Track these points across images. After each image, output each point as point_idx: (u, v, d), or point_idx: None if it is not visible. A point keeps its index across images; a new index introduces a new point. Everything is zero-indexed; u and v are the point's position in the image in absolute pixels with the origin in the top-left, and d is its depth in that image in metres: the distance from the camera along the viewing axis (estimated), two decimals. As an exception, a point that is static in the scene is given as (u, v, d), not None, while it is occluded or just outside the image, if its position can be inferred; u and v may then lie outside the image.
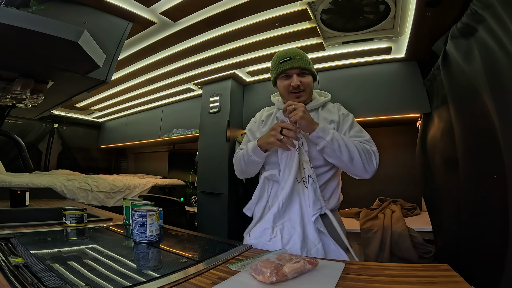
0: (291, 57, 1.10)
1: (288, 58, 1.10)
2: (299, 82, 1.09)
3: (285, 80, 1.12)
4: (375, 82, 2.09)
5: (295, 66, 1.09)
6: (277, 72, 1.13)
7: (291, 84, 1.09)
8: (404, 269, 0.64)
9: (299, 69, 1.10)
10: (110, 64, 1.41)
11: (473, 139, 1.15)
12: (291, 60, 1.10)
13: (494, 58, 0.92)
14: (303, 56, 1.13)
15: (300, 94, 1.11)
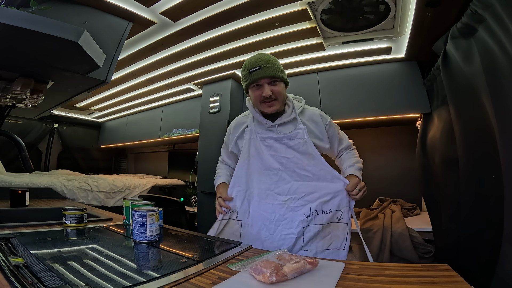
0: (260, 66, 1.07)
1: (257, 67, 1.07)
2: (270, 92, 1.07)
3: (257, 90, 1.10)
4: (375, 82, 2.09)
5: (265, 75, 1.06)
6: (248, 82, 1.11)
7: (263, 94, 1.07)
8: (404, 269, 0.64)
9: (269, 78, 1.07)
10: (110, 64, 1.41)
11: (473, 139, 1.15)
12: (260, 69, 1.06)
13: (494, 58, 0.92)
14: (273, 63, 1.09)
15: (272, 103, 1.10)
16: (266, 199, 1.12)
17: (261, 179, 1.14)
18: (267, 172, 1.13)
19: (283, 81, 1.12)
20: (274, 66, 1.08)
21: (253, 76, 1.07)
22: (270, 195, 1.12)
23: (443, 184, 1.54)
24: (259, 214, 1.12)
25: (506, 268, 0.84)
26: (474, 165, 1.16)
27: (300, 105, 1.18)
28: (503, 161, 0.86)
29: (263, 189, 1.13)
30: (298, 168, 1.11)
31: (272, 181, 1.12)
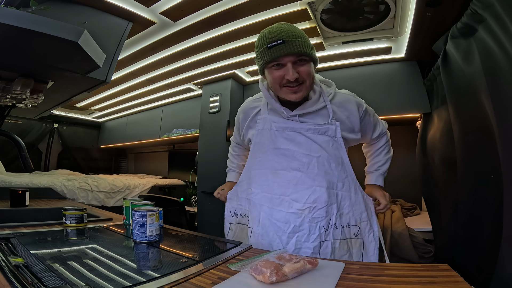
0: (283, 39, 0.81)
1: (279, 41, 0.81)
2: (296, 75, 0.83)
3: (277, 70, 0.86)
4: (375, 82, 2.09)
5: (289, 52, 0.81)
6: (265, 60, 0.86)
7: (286, 77, 0.84)
8: (404, 269, 0.64)
9: (296, 55, 0.83)
10: (110, 64, 1.41)
11: (471, 139, 1.15)
12: (283, 43, 0.81)
13: (494, 58, 0.92)
14: (300, 36, 0.84)
15: (298, 88, 0.86)
16: (280, 205, 0.93)
17: (275, 181, 0.94)
18: (284, 173, 0.93)
19: (312, 60, 0.87)
20: (301, 40, 0.83)
21: (274, 52, 0.82)
22: (284, 201, 0.93)
23: (442, 184, 1.54)
24: (271, 223, 0.95)
25: (505, 268, 0.84)
26: (472, 165, 1.16)
27: (331, 91, 0.96)
28: (503, 162, 0.86)
29: (277, 193, 0.94)
30: (323, 172, 0.91)
31: (290, 184, 0.92)
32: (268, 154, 0.96)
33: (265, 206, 0.96)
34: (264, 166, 0.97)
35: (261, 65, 0.90)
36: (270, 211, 0.95)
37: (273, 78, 0.87)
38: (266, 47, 0.84)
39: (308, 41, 0.86)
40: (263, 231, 0.96)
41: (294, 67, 0.84)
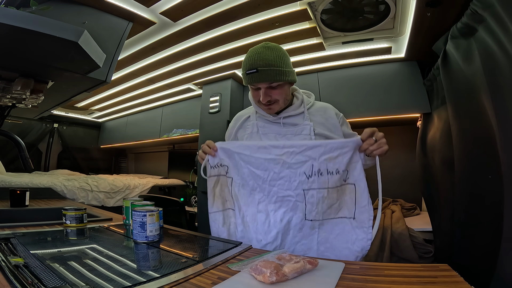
0: (257, 69, 0.92)
1: (253, 70, 0.92)
2: (268, 97, 0.96)
3: (254, 91, 1.00)
4: (375, 82, 2.09)
5: (262, 79, 0.93)
6: (245, 82, 1.00)
7: (260, 98, 0.97)
8: (404, 269, 0.64)
9: (268, 82, 0.95)
10: (110, 64, 1.42)
11: (470, 140, 1.15)
12: (257, 72, 0.92)
13: (494, 58, 0.92)
14: (274, 64, 0.93)
15: (271, 106, 0.99)
16: (257, 152, 0.94)
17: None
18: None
19: (287, 81, 0.98)
20: (274, 69, 0.93)
21: (250, 79, 0.95)
22: (262, 148, 0.94)
23: (442, 184, 1.54)
24: (250, 172, 0.95)
25: (505, 268, 0.84)
26: (469, 165, 1.16)
27: (310, 100, 1.09)
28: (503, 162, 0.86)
29: (255, 144, 0.97)
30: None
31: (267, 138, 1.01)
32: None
33: (243, 154, 0.96)
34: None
35: (244, 83, 1.03)
36: (248, 159, 0.95)
37: (252, 96, 1.03)
38: (245, 73, 0.96)
39: (284, 67, 0.95)
40: (243, 180, 0.97)
41: (267, 91, 0.96)
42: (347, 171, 0.90)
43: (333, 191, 0.91)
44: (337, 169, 0.89)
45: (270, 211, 0.94)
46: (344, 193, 0.92)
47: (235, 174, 0.98)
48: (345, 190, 0.92)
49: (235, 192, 0.99)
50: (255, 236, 0.95)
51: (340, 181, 0.91)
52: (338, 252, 0.90)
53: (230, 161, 0.99)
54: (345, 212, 0.92)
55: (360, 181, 0.90)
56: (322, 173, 0.90)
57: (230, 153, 0.99)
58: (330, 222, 0.92)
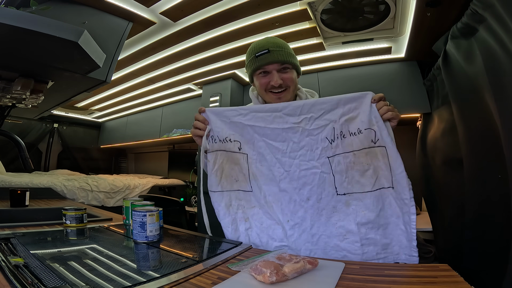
0: (268, 49, 0.92)
1: (265, 50, 0.92)
2: (280, 81, 0.92)
3: (263, 78, 0.95)
4: (375, 82, 2.09)
5: (274, 60, 0.92)
6: (253, 68, 0.95)
7: (271, 83, 0.93)
8: (404, 269, 0.64)
9: (279, 63, 0.93)
10: (110, 64, 1.41)
11: (477, 139, 1.15)
12: (268, 53, 0.91)
13: (496, 58, 0.92)
14: (283, 47, 0.95)
15: (282, 94, 0.95)
16: (273, 123, 0.87)
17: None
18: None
19: (295, 68, 0.97)
20: (285, 50, 0.94)
21: (260, 61, 0.93)
22: (277, 117, 0.86)
23: (444, 184, 1.54)
24: (267, 145, 0.88)
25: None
26: (478, 165, 1.15)
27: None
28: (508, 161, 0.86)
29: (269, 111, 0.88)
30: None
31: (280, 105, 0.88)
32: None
33: (257, 127, 0.88)
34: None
35: (250, 72, 0.99)
36: (263, 131, 0.88)
37: (260, 84, 0.96)
38: (254, 56, 0.94)
39: (290, 51, 0.96)
40: (260, 156, 0.88)
41: (278, 74, 0.93)
42: (374, 131, 0.79)
43: (360, 154, 0.80)
44: (358, 128, 0.80)
45: (294, 188, 0.85)
46: (376, 157, 0.80)
47: (250, 149, 0.89)
48: (376, 154, 0.80)
49: (253, 170, 0.89)
50: (282, 217, 0.86)
51: (367, 141, 0.80)
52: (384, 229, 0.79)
53: (242, 135, 0.90)
54: (382, 181, 0.79)
55: (389, 143, 0.79)
56: (344, 135, 0.81)
57: (241, 126, 0.90)
58: (368, 196, 0.80)
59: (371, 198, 0.80)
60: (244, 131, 0.90)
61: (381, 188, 0.80)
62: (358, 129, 0.80)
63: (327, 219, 0.83)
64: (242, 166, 0.92)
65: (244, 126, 0.90)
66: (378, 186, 0.80)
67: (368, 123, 0.80)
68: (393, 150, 0.79)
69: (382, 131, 0.79)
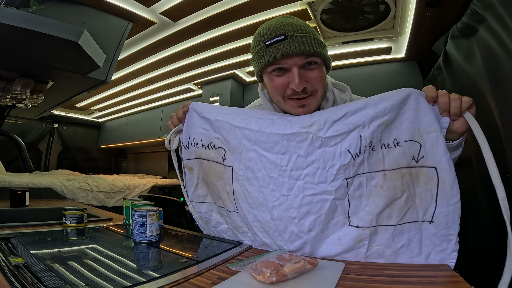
0: (285, 34, 0.60)
1: (280, 36, 0.60)
2: (304, 83, 0.61)
3: (278, 77, 0.64)
4: (375, 82, 2.09)
5: (294, 51, 0.59)
6: (263, 63, 0.63)
7: (291, 86, 0.62)
8: (404, 269, 0.64)
9: (303, 56, 0.61)
10: (110, 64, 1.42)
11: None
12: (286, 40, 0.59)
13: (496, 57, 0.92)
14: (307, 30, 0.62)
15: (308, 100, 0.64)
16: (271, 126, 0.64)
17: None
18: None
19: (325, 62, 0.65)
20: (310, 36, 0.61)
21: (274, 52, 0.61)
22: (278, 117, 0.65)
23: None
24: (259, 157, 0.64)
25: None
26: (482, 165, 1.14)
27: (344, 98, 0.76)
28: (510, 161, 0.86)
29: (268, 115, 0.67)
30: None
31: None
32: None
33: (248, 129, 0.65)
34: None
35: (258, 68, 0.67)
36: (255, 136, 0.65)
37: (274, 87, 0.65)
38: (264, 45, 0.62)
39: (317, 35, 0.64)
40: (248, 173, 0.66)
41: (301, 73, 0.62)
42: (420, 145, 0.55)
43: (394, 177, 0.57)
44: (395, 139, 0.57)
45: (292, 219, 0.63)
46: (415, 182, 0.57)
47: (237, 161, 0.68)
48: (418, 177, 0.57)
49: (238, 189, 0.69)
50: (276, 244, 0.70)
51: (406, 159, 0.56)
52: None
53: (228, 140, 0.68)
54: (416, 214, 0.58)
55: (446, 163, 0.55)
56: (374, 147, 0.57)
57: (228, 128, 0.68)
58: (390, 231, 0.59)
59: (393, 233, 0.59)
60: (231, 135, 0.68)
61: (412, 222, 0.58)
62: (395, 140, 0.57)
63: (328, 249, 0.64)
64: (226, 182, 0.71)
65: (231, 128, 0.68)
66: (409, 219, 0.58)
67: (412, 133, 0.56)
68: (449, 173, 0.55)
69: (433, 145, 0.55)
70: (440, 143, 0.56)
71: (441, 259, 0.58)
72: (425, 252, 0.59)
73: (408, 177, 0.57)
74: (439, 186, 0.56)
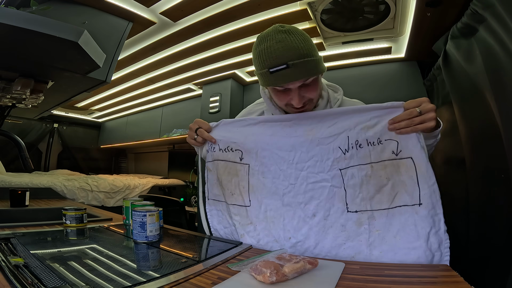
0: (287, 63, 0.68)
1: (283, 65, 0.68)
2: (302, 99, 0.75)
3: (282, 94, 0.77)
4: (375, 82, 2.09)
5: (296, 78, 0.70)
6: (267, 84, 0.75)
7: (291, 101, 0.75)
8: (404, 269, 0.64)
9: (304, 79, 0.72)
10: (110, 64, 1.42)
11: (479, 139, 1.14)
12: (288, 68, 0.68)
13: (496, 57, 0.92)
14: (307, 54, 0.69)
15: (305, 108, 0.79)
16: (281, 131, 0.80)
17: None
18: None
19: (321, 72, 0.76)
20: (309, 60, 0.69)
21: (277, 79, 0.71)
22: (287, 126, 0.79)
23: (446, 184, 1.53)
24: (271, 154, 0.80)
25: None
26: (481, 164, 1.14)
27: (337, 97, 0.87)
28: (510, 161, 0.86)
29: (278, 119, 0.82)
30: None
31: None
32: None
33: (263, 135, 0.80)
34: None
35: (261, 83, 0.79)
36: (269, 139, 0.80)
37: (277, 98, 0.79)
38: (267, 71, 0.71)
39: (316, 54, 0.72)
40: (263, 166, 0.81)
41: (300, 92, 0.74)
42: (397, 142, 0.69)
43: (379, 168, 0.70)
44: (378, 138, 0.70)
45: (299, 203, 0.77)
46: (397, 171, 0.69)
47: (253, 159, 0.82)
48: (398, 167, 0.69)
49: (254, 183, 0.83)
50: (283, 234, 0.79)
51: (387, 153, 0.70)
52: (403, 255, 0.67)
53: (246, 144, 0.83)
54: (404, 198, 0.69)
55: (419, 153, 0.68)
56: (361, 144, 0.71)
57: (246, 135, 0.83)
58: (384, 214, 0.70)
59: (388, 216, 0.70)
60: (248, 140, 0.83)
61: (403, 206, 0.69)
62: (378, 139, 0.71)
63: (334, 238, 0.74)
64: (242, 178, 0.85)
65: (249, 135, 0.83)
66: (399, 203, 0.69)
67: (390, 133, 0.70)
68: (423, 160, 0.68)
69: (407, 141, 0.69)
70: (410, 138, 0.69)
71: (439, 241, 0.67)
72: (423, 235, 0.67)
73: (391, 168, 0.70)
74: (417, 172, 0.68)
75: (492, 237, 1.07)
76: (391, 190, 0.70)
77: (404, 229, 0.68)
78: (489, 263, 1.06)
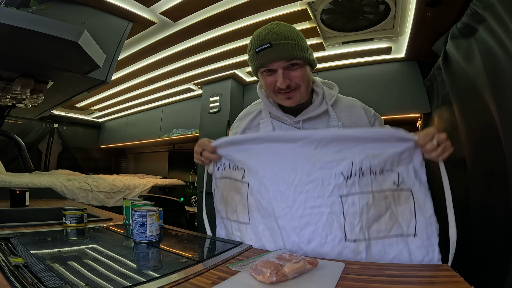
0: (270, 42, 0.74)
1: (266, 44, 0.74)
2: (287, 81, 0.77)
3: (269, 76, 0.79)
4: (375, 82, 2.09)
5: (278, 57, 0.74)
6: (255, 65, 0.80)
7: (277, 83, 0.77)
8: (404, 269, 0.64)
9: (286, 60, 0.75)
10: (110, 64, 1.42)
11: (479, 139, 1.15)
12: (271, 47, 0.74)
13: (495, 57, 0.92)
14: (290, 38, 0.76)
15: (291, 94, 0.80)
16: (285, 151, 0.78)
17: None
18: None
19: (307, 63, 0.80)
20: (292, 43, 0.75)
21: (262, 58, 0.76)
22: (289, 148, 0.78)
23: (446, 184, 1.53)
24: (271, 174, 0.78)
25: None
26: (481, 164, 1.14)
27: (333, 93, 0.88)
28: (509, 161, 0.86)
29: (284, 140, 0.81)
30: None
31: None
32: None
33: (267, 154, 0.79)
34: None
35: (252, 69, 0.84)
36: (272, 159, 0.78)
37: (266, 84, 0.82)
38: (254, 51, 0.77)
39: (301, 42, 0.78)
40: (261, 186, 0.79)
41: (285, 73, 0.77)
42: (398, 173, 0.71)
43: (379, 197, 0.71)
44: (381, 168, 0.71)
45: (294, 228, 0.74)
46: (397, 202, 0.71)
47: (253, 178, 0.81)
48: (399, 198, 0.71)
49: (252, 202, 0.82)
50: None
51: (389, 184, 0.71)
52: None
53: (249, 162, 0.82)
54: (400, 228, 0.70)
55: (419, 185, 0.71)
56: (364, 172, 0.71)
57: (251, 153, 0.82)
58: (381, 244, 0.70)
59: (383, 245, 0.71)
60: (252, 158, 0.82)
61: (398, 236, 0.70)
62: (381, 169, 0.71)
63: None
64: (243, 196, 0.85)
65: (254, 153, 0.82)
66: (395, 232, 0.70)
67: (391, 164, 0.71)
68: (421, 193, 0.71)
69: (407, 173, 0.71)
70: (411, 171, 0.72)
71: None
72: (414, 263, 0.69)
73: (390, 198, 0.71)
74: (415, 204, 0.71)
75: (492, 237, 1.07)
76: (389, 220, 0.71)
77: (399, 257, 0.70)
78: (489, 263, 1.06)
